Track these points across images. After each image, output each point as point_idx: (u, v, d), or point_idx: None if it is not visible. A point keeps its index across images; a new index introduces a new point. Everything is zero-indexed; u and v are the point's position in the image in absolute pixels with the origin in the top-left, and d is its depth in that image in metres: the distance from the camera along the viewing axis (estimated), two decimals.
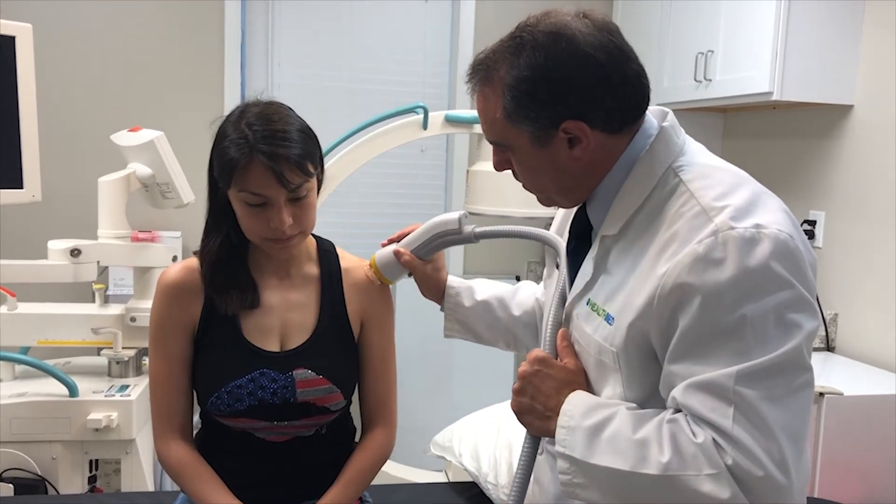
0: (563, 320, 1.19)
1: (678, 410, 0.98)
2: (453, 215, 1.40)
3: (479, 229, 1.39)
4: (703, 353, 0.95)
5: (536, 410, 1.11)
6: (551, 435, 1.07)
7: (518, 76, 1.03)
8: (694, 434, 0.94)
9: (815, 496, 2.07)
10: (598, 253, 1.12)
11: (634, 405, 1.04)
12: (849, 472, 2.12)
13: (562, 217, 1.35)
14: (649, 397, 1.05)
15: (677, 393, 0.97)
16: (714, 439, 0.93)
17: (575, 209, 1.22)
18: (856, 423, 2.11)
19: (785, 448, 0.91)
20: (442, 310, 1.51)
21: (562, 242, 1.25)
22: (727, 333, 0.94)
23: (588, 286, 1.13)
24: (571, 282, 1.19)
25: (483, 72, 1.09)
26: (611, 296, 1.07)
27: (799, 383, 0.94)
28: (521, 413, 1.14)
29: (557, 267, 1.27)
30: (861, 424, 2.12)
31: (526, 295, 1.51)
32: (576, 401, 1.06)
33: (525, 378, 1.13)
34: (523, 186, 1.17)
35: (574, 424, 1.03)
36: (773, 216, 0.98)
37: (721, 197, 1.00)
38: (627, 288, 1.04)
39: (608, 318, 1.06)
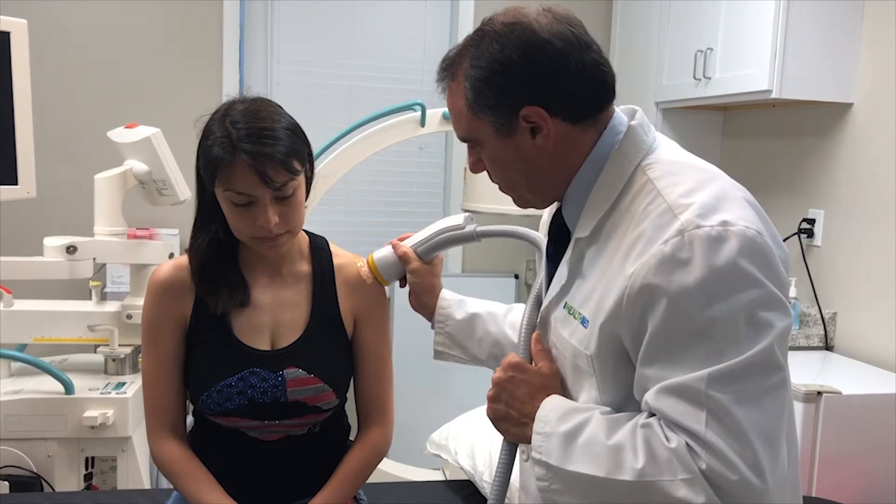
0: (541, 324, 1.18)
1: (652, 414, 0.97)
2: (459, 216, 1.42)
3: (480, 228, 1.40)
4: (673, 355, 0.94)
5: (512, 417, 1.10)
6: (528, 441, 1.06)
7: (477, 65, 1.05)
8: (667, 439, 0.93)
9: (814, 495, 2.07)
10: (572, 256, 1.11)
11: (609, 409, 1.03)
12: (847, 472, 2.12)
13: (545, 223, 1.33)
14: (625, 401, 1.04)
15: (650, 397, 0.96)
16: (687, 444, 0.91)
17: (554, 211, 1.21)
18: (854, 422, 2.10)
19: (759, 450, 0.90)
20: (433, 327, 1.49)
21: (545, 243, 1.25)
22: (697, 335, 0.92)
23: (564, 290, 1.11)
24: (549, 285, 1.18)
25: (450, 69, 1.10)
26: (585, 299, 1.06)
27: (772, 383, 0.93)
28: (496, 420, 1.13)
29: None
30: (860, 423, 2.11)
31: (517, 316, 1.48)
32: (550, 406, 1.06)
33: (499, 384, 1.12)
34: (499, 188, 1.16)
35: (549, 430, 1.02)
36: (740, 212, 0.96)
37: (687, 194, 0.98)
38: (599, 290, 1.03)
39: (583, 322, 1.05)
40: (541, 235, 1.30)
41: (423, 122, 2.49)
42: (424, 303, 1.47)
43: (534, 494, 1.25)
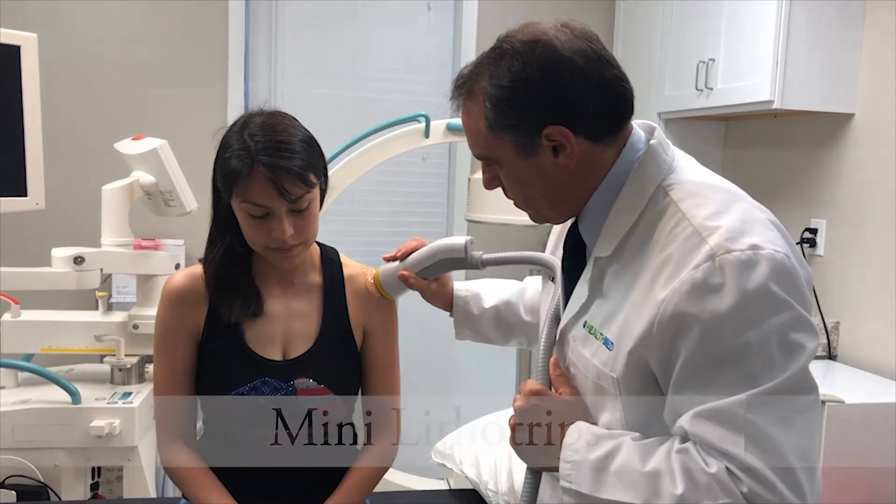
0: (559, 341, 1.17)
1: (686, 439, 0.96)
2: (459, 241, 1.38)
3: (486, 256, 1.37)
4: (708, 381, 0.94)
5: (536, 446, 1.09)
6: (553, 469, 1.06)
7: (497, 84, 1.03)
8: (707, 464, 0.93)
9: None
10: (592, 275, 1.10)
11: (638, 434, 1.02)
12: (850, 480, 2.12)
13: (557, 235, 1.32)
14: (650, 422, 1.03)
15: (685, 422, 0.96)
16: (728, 468, 0.92)
17: (568, 225, 1.20)
18: (857, 430, 2.10)
19: (798, 471, 0.91)
20: (451, 316, 1.50)
21: (559, 265, 1.22)
22: (731, 361, 0.92)
23: (584, 308, 1.11)
24: (566, 302, 1.16)
25: (466, 86, 1.08)
26: (608, 320, 1.05)
27: (806, 403, 0.94)
28: (520, 448, 1.12)
29: (552, 280, 1.24)
30: (862, 432, 2.11)
31: (532, 295, 1.49)
32: (577, 433, 1.05)
33: (522, 412, 1.11)
34: (514, 203, 1.15)
35: (579, 458, 1.02)
36: (767, 235, 0.97)
37: (713, 216, 0.98)
38: (625, 313, 1.02)
39: (607, 343, 1.04)
40: (553, 258, 1.27)
41: (427, 134, 2.50)
42: (441, 305, 1.49)
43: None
